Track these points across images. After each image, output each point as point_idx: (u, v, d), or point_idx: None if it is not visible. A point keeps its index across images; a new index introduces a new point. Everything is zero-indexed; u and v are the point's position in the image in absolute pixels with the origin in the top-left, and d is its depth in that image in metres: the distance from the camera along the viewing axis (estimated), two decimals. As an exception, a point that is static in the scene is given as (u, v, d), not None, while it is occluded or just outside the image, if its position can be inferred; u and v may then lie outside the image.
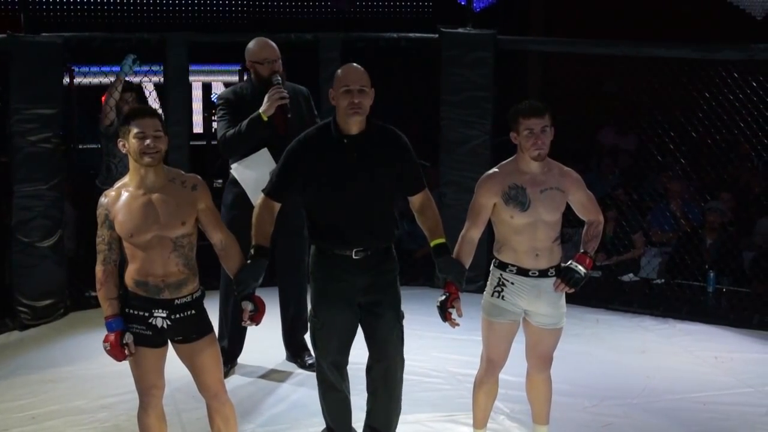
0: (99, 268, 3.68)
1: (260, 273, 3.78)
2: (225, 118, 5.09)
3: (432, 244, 3.94)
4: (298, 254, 5.36)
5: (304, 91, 5.33)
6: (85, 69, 6.96)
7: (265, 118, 4.93)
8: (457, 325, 3.87)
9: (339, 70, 3.88)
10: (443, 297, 3.87)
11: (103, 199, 3.66)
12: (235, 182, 5.13)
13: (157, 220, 3.58)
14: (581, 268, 4.02)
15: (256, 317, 3.74)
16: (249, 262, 3.77)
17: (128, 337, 3.62)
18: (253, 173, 5.01)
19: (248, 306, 3.72)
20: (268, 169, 4.95)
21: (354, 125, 3.82)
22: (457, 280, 3.88)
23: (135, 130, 3.56)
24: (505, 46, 7.14)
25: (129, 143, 3.59)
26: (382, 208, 3.92)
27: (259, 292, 3.80)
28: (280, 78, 5.03)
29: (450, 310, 3.85)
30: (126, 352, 3.63)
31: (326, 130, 3.90)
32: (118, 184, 3.70)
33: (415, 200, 3.99)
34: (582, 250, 4.08)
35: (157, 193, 3.61)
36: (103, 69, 6.85)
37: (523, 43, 7.87)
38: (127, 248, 3.64)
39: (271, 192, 3.93)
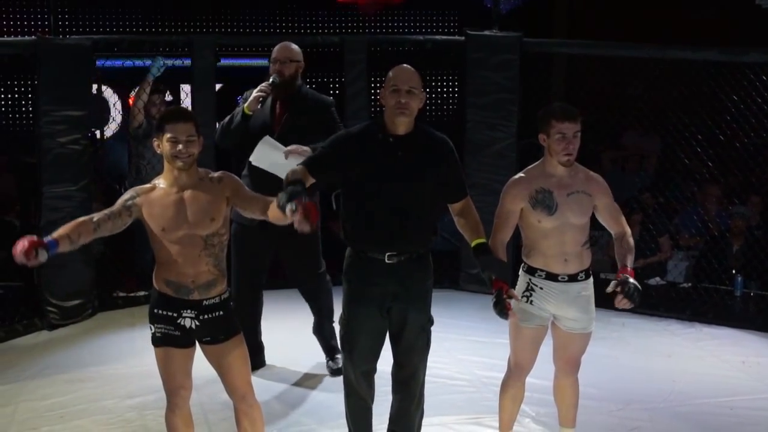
0: (85, 217, 3.58)
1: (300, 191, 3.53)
2: (231, 113, 5.23)
3: (473, 243, 3.89)
4: (310, 258, 5.34)
5: (327, 101, 5.29)
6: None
7: (248, 112, 5.06)
8: (514, 315, 3.81)
9: (391, 71, 3.83)
10: (496, 293, 3.77)
11: (134, 189, 3.69)
12: (247, 174, 5.12)
13: (187, 218, 3.60)
14: (633, 281, 3.88)
15: (308, 214, 3.40)
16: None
17: (42, 255, 3.35)
18: (267, 158, 5.02)
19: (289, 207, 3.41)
20: (278, 150, 4.97)
21: (401, 125, 3.79)
22: (502, 275, 3.82)
23: (168, 134, 3.60)
24: (531, 49, 7.13)
25: (162, 145, 3.63)
26: (421, 213, 3.86)
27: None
28: (276, 78, 5.08)
29: (509, 300, 3.75)
30: (32, 256, 3.32)
31: (374, 127, 3.88)
32: (154, 181, 3.72)
33: (456, 206, 3.97)
34: (622, 265, 3.95)
35: (189, 191, 3.64)
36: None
37: (548, 45, 7.86)
38: (158, 246, 3.64)
39: (309, 165, 3.86)
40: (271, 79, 5.07)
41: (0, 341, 6.03)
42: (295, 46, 5.21)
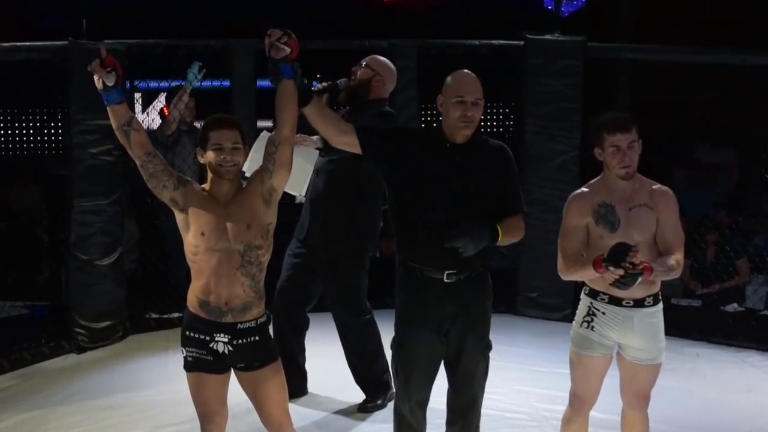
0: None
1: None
2: None
3: None
4: (344, 292, 5.08)
5: (389, 112, 5.14)
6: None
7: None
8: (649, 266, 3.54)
9: (450, 77, 3.73)
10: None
11: (192, 181, 3.67)
12: None
13: (226, 230, 3.51)
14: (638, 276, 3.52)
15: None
16: None
17: (111, 78, 3.41)
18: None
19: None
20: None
21: (461, 137, 3.72)
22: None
23: (213, 141, 3.53)
24: (595, 54, 6.99)
25: (207, 154, 3.56)
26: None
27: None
28: (343, 81, 4.98)
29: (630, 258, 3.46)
30: (107, 68, 3.40)
31: (432, 132, 3.86)
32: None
33: None
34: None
35: (231, 205, 3.56)
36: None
37: (615, 50, 7.67)
38: (194, 261, 3.54)
39: (361, 128, 3.75)
40: (339, 80, 4.99)
41: (26, 364, 5.93)
42: (379, 58, 5.16)
